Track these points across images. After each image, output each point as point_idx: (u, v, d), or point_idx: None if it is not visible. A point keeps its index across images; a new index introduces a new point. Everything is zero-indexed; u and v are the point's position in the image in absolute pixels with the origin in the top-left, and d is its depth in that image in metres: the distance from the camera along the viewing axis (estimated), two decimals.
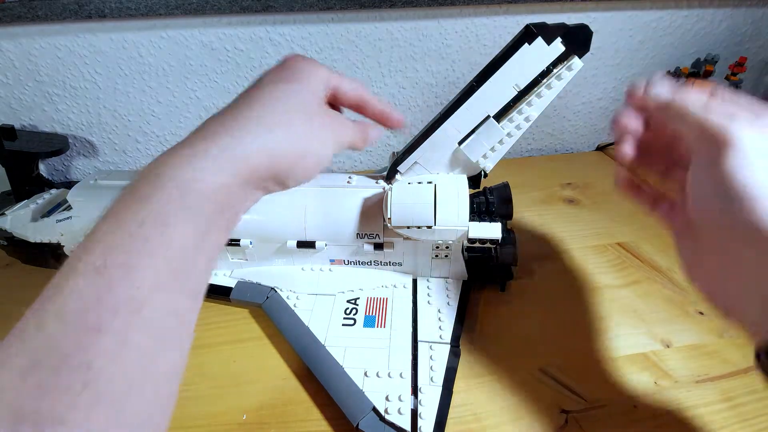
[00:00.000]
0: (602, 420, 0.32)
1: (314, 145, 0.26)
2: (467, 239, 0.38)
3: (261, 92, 0.25)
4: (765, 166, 0.23)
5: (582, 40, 0.34)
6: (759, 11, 0.66)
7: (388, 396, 0.32)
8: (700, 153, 0.26)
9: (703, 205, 0.25)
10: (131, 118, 0.61)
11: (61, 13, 0.51)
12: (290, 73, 0.26)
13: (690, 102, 0.27)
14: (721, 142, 0.24)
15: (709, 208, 0.25)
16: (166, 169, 0.21)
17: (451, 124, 0.37)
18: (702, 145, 0.26)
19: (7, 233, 0.44)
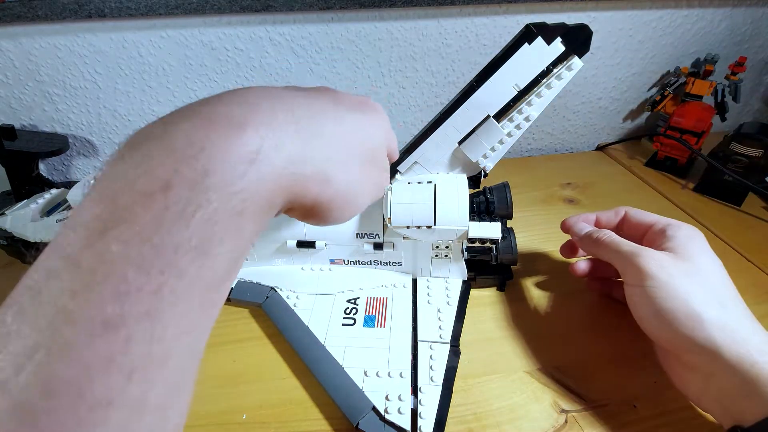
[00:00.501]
0: (602, 420, 0.32)
1: (364, 194, 0.23)
2: (467, 239, 0.38)
3: (340, 109, 0.21)
4: (682, 292, 0.28)
5: (582, 39, 0.34)
6: (759, 11, 0.66)
7: (388, 395, 0.32)
8: (628, 281, 0.31)
9: (645, 323, 0.30)
10: (131, 117, 0.61)
11: (61, 13, 0.51)
12: (367, 106, 0.24)
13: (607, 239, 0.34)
14: (643, 274, 0.29)
15: (649, 326, 0.30)
16: (214, 167, 0.15)
17: (451, 123, 0.37)
18: (627, 273, 0.31)
19: (7, 233, 0.44)
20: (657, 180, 0.62)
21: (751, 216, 0.55)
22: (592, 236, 0.35)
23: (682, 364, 0.29)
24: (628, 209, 0.37)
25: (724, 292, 0.29)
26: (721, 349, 0.25)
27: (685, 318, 0.27)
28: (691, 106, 0.61)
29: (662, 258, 0.30)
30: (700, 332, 0.26)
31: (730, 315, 0.27)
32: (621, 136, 0.75)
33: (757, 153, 0.55)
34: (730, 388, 0.25)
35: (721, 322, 0.26)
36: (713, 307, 0.27)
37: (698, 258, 0.30)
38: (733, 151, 0.56)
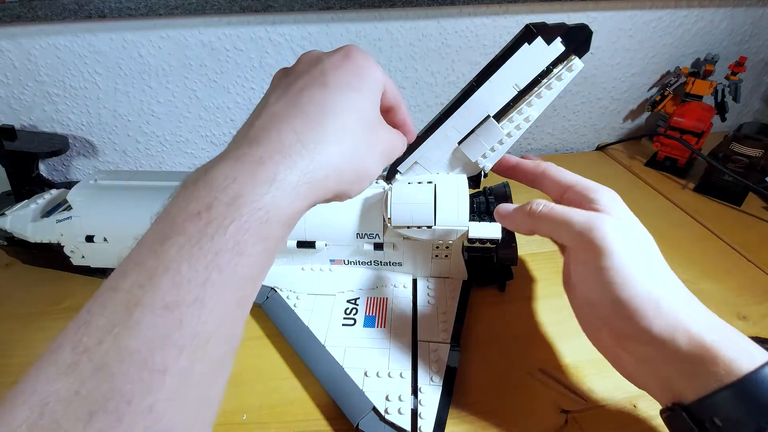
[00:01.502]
0: (602, 420, 0.32)
1: (374, 164, 0.26)
2: (467, 239, 0.38)
3: (331, 98, 0.24)
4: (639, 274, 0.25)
5: (582, 39, 0.34)
6: (759, 11, 0.66)
7: (388, 396, 0.32)
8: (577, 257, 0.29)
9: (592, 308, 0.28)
10: (131, 118, 0.61)
11: (61, 13, 0.51)
12: (356, 76, 0.25)
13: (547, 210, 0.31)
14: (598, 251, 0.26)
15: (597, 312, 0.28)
16: (243, 191, 0.19)
17: (450, 124, 0.37)
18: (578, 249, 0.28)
19: (7, 233, 0.44)
20: (657, 180, 0.62)
21: (751, 216, 0.55)
22: (525, 208, 0.31)
23: (620, 348, 0.27)
24: (547, 166, 0.34)
25: (663, 265, 0.27)
26: (674, 336, 0.24)
27: (644, 305, 0.25)
28: (691, 106, 0.61)
29: (613, 226, 0.26)
30: (657, 320, 0.24)
31: (677, 295, 0.26)
32: (621, 136, 0.75)
33: (757, 153, 0.55)
34: (673, 370, 0.24)
35: (675, 305, 0.25)
36: (666, 286, 0.26)
37: (633, 221, 0.28)
38: (733, 151, 0.56)
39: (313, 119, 0.23)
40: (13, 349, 0.38)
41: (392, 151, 0.28)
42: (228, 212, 0.19)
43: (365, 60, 0.26)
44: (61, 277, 0.46)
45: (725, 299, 0.43)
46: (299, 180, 0.21)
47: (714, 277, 0.45)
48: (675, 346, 0.24)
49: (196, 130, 0.63)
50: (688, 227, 0.53)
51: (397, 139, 0.29)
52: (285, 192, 0.20)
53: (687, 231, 0.53)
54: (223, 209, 0.19)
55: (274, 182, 0.20)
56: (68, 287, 0.45)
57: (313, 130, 0.22)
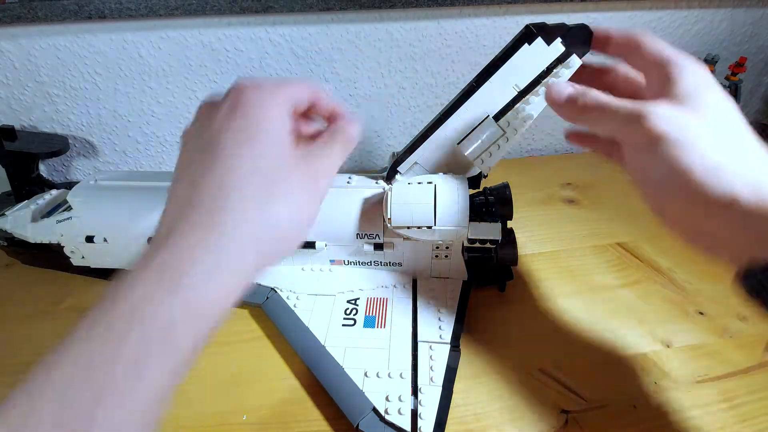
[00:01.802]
0: (602, 420, 0.32)
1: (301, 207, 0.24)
2: (467, 239, 0.38)
3: (228, 162, 0.22)
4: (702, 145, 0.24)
5: (582, 40, 0.34)
6: (759, 11, 0.66)
7: (388, 396, 0.32)
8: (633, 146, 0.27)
9: (655, 192, 0.27)
10: (131, 118, 0.61)
11: (61, 14, 0.51)
12: (248, 123, 0.23)
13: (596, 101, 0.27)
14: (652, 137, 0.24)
15: (659, 195, 0.27)
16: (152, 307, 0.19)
17: (451, 124, 0.37)
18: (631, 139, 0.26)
19: (7, 234, 0.44)
20: None
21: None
22: (578, 101, 0.28)
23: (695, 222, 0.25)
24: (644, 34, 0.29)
25: (744, 138, 0.25)
26: (742, 198, 0.22)
27: (703, 172, 0.23)
28: None
29: (671, 112, 0.25)
30: (718, 185, 0.23)
31: (752, 158, 0.24)
32: None
33: None
34: (748, 235, 0.23)
35: (742, 169, 0.23)
36: (733, 153, 0.24)
37: (713, 102, 0.25)
38: None
39: (213, 201, 0.21)
40: (13, 349, 0.38)
41: (323, 184, 0.25)
42: (133, 321, 0.19)
43: (255, 96, 0.23)
44: (61, 278, 0.46)
45: (725, 299, 0.43)
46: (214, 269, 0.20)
47: (714, 277, 0.45)
48: (743, 209, 0.22)
49: None
50: None
51: (324, 169, 0.25)
52: (193, 303, 0.20)
53: None
54: (123, 326, 0.19)
55: (179, 293, 0.19)
56: (68, 287, 0.45)
57: (213, 223, 0.21)
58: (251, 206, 0.22)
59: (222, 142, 0.22)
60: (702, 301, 0.42)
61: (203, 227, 0.21)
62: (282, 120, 0.24)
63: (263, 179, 0.22)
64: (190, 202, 0.22)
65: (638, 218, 0.53)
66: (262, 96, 0.23)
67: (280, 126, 0.24)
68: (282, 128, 0.24)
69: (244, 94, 0.23)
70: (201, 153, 0.23)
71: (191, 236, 0.21)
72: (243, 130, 0.23)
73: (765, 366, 0.36)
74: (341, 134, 0.27)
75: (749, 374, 0.35)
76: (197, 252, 0.20)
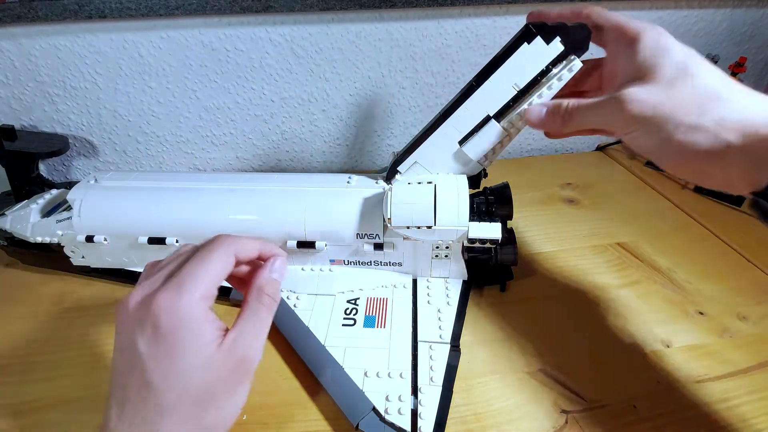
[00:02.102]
0: (602, 420, 0.32)
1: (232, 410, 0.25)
2: (467, 239, 0.38)
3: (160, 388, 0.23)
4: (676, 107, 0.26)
5: (581, 39, 0.34)
6: (759, 11, 0.66)
7: (388, 396, 0.32)
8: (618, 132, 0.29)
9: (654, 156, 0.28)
10: (131, 118, 0.61)
11: (61, 14, 0.51)
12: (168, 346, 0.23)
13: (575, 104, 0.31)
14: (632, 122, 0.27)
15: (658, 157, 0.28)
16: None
17: (451, 124, 0.37)
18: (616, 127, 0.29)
19: (7, 233, 0.44)
20: (657, 180, 0.62)
21: (751, 216, 0.55)
22: (559, 112, 0.32)
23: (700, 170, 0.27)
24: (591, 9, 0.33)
25: (714, 84, 0.27)
26: (732, 141, 0.25)
27: (689, 136, 0.26)
28: None
29: (641, 95, 0.27)
30: (710, 139, 0.25)
31: (728, 104, 0.26)
32: None
33: None
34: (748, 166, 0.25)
35: (721, 117, 0.25)
36: (710, 107, 0.26)
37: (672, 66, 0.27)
38: None
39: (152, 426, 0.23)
40: (13, 349, 0.38)
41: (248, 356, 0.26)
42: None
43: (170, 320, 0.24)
44: (61, 277, 0.46)
45: (725, 299, 0.43)
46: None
47: (714, 277, 0.45)
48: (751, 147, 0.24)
49: (196, 131, 0.63)
50: (688, 228, 0.53)
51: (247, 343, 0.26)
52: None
53: (687, 231, 0.53)
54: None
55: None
56: (68, 287, 0.45)
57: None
58: (187, 421, 0.23)
59: (149, 369, 0.23)
60: (702, 301, 0.42)
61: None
62: (204, 324, 0.24)
63: (193, 399, 0.24)
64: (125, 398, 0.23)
65: (638, 218, 0.53)
66: (181, 305, 0.24)
67: (203, 332, 0.24)
68: (205, 335, 0.24)
69: (158, 310, 0.24)
70: (131, 371, 0.24)
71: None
72: (166, 355, 0.23)
73: (765, 366, 0.36)
74: (263, 296, 0.28)
75: (749, 374, 0.35)
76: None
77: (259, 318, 0.27)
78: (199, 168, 0.67)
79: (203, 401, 0.24)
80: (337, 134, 0.67)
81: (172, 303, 0.24)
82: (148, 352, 0.24)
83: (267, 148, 0.67)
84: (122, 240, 0.42)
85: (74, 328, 0.41)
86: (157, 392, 0.23)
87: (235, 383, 0.25)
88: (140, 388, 0.23)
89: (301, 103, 0.63)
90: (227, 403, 0.25)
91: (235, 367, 0.25)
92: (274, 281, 0.29)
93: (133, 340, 0.24)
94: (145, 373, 0.23)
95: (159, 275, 0.26)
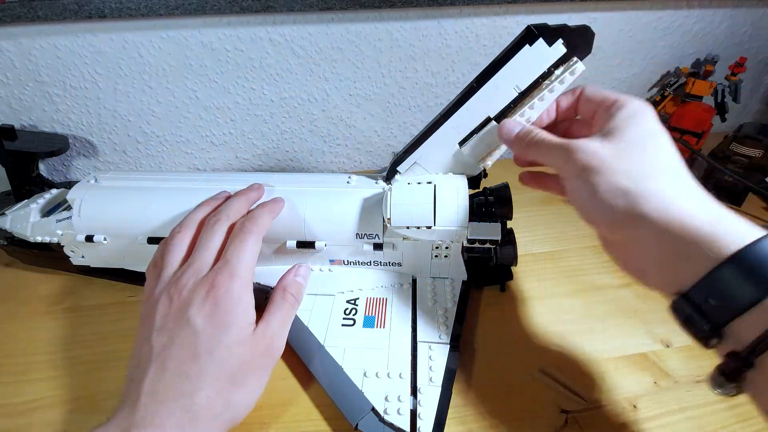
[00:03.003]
0: (602, 420, 0.32)
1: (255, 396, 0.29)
2: (467, 239, 0.38)
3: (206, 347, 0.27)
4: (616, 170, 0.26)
5: (583, 41, 0.34)
6: (759, 11, 0.66)
7: (387, 396, 0.32)
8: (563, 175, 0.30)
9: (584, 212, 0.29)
10: (131, 118, 0.61)
11: (61, 13, 0.51)
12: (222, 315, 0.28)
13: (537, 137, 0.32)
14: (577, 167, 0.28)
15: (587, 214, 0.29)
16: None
17: (451, 124, 0.37)
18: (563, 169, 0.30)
19: (7, 233, 0.44)
20: None
21: (751, 216, 0.55)
22: (525, 139, 0.33)
23: (622, 245, 0.28)
24: (585, 86, 0.34)
25: (664, 163, 0.27)
26: (660, 222, 0.24)
27: (621, 196, 0.26)
28: (691, 106, 0.61)
29: (596, 146, 0.28)
30: (637, 207, 0.25)
31: (669, 184, 0.26)
32: None
33: (757, 153, 0.54)
34: (667, 257, 0.25)
35: (659, 194, 0.25)
36: (650, 179, 0.26)
37: (634, 133, 0.28)
38: (734, 152, 0.56)
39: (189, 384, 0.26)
40: (13, 349, 0.38)
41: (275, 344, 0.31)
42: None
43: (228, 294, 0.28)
44: (61, 277, 0.46)
45: None
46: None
47: None
48: (662, 232, 0.24)
49: (196, 130, 0.63)
50: None
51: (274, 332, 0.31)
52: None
53: None
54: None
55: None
56: (68, 287, 0.45)
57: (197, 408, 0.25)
58: (220, 394, 0.27)
59: (202, 342, 0.27)
60: None
61: (175, 400, 0.25)
62: (249, 306, 0.29)
63: (229, 375, 0.27)
64: (164, 368, 0.26)
65: None
66: (234, 287, 0.29)
67: (248, 313, 0.29)
68: (249, 315, 0.29)
69: (218, 290, 0.28)
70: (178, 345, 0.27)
71: (163, 408, 0.25)
72: (219, 330, 0.27)
73: None
74: (287, 294, 0.33)
75: None
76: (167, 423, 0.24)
77: (283, 312, 0.31)
78: (199, 168, 0.67)
79: (236, 378, 0.27)
80: (337, 134, 0.67)
81: (229, 284, 0.28)
82: (204, 325, 0.27)
83: (267, 148, 0.67)
84: (122, 240, 0.42)
85: (74, 328, 0.41)
86: (202, 363, 0.26)
87: (262, 366, 0.29)
88: (184, 360, 0.26)
89: (301, 103, 0.63)
90: (253, 386, 0.29)
91: (265, 351, 0.29)
92: (297, 283, 0.34)
93: (185, 316, 0.27)
94: (197, 345, 0.27)
95: (202, 261, 0.30)
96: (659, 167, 0.27)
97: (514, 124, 0.34)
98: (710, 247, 0.23)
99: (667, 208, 0.24)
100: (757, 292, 0.21)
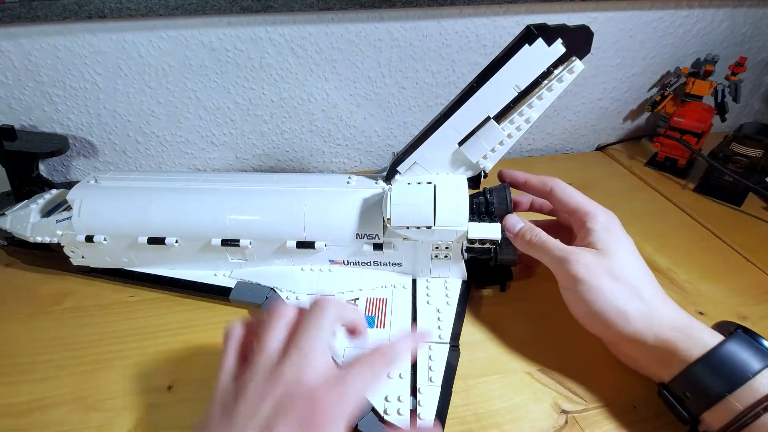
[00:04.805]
0: (602, 420, 0.32)
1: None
2: (467, 239, 0.38)
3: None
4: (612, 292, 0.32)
5: (583, 41, 0.34)
6: (759, 11, 0.66)
7: (387, 396, 0.32)
8: (561, 283, 0.35)
9: (582, 320, 0.35)
10: (131, 118, 0.61)
11: (61, 14, 0.51)
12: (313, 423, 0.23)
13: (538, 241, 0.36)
14: (575, 280, 0.33)
15: (585, 323, 0.35)
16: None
17: (451, 124, 0.37)
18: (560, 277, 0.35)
19: (7, 233, 0.44)
20: (657, 180, 0.62)
21: (751, 216, 0.55)
22: (525, 237, 0.37)
23: (616, 345, 0.35)
24: (554, 184, 0.39)
25: (641, 281, 0.33)
26: (644, 337, 0.31)
27: (614, 317, 0.32)
28: (691, 106, 0.61)
29: (589, 260, 0.33)
30: (627, 327, 0.32)
31: (648, 303, 0.32)
32: (621, 137, 0.75)
33: (757, 153, 0.54)
34: (653, 360, 0.32)
35: (641, 313, 0.32)
36: (635, 300, 0.32)
37: (616, 251, 0.34)
38: (734, 152, 0.56)
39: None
40: (13, 349, 0.38)
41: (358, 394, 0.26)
42: None
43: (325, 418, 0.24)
44: (61, 277, 0.46)
45: (725, 299, 0.43)
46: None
47: (714, 278, 0.45)
48: (647, 344, 0.31)
49: (196, 131, 0.63)
50: (688, 228, 0.53)
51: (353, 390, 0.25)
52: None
53: (687, 231, 0.53)
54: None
55: None
56: (68, 287, 0.45)
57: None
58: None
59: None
60: (702, 301, 0.42)
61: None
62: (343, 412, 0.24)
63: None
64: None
65: (638, 218, 0.53)
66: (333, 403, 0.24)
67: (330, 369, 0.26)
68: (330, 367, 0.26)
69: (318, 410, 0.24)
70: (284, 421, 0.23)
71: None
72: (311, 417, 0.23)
73: None
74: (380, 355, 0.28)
75: None
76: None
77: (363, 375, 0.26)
78: (199, 168, 0.67)
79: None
80: (337, 134, 0.67)
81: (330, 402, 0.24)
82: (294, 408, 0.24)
83: (267, 148, 0.67)
84: (122, 240, 0.42)
85: (74, 328, 0.41)
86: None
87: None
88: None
89: (301, 103, 0.63)
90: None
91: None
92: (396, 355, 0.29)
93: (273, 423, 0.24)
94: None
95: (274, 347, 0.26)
96: (645, 286, 0.33)
97: (516, 220, 0.38)
98: (683, 354, 0.30)
99: (656, 325, 0.31)
100: (724, 387, 0.28)
